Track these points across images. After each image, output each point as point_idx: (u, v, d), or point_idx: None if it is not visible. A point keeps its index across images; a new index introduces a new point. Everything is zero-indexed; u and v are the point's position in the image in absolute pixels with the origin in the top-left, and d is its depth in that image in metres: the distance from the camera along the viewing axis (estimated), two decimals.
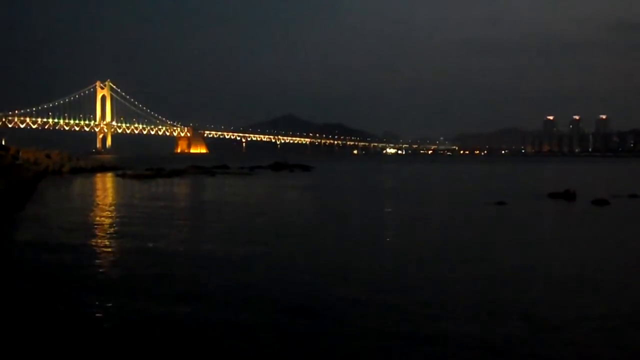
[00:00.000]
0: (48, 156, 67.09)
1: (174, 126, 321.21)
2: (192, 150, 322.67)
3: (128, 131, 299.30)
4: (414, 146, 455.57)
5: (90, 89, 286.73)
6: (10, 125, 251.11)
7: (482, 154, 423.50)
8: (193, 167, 79.10)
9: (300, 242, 19.28)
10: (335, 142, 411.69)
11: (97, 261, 15.40)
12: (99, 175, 64.68)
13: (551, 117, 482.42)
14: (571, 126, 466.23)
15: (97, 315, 10.45)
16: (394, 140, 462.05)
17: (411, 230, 22.55)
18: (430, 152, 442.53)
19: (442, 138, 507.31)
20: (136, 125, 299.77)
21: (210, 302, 11.33)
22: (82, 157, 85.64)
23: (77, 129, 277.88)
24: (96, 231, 21.13)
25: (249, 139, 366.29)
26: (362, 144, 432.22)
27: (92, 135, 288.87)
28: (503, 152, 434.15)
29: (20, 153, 59.27)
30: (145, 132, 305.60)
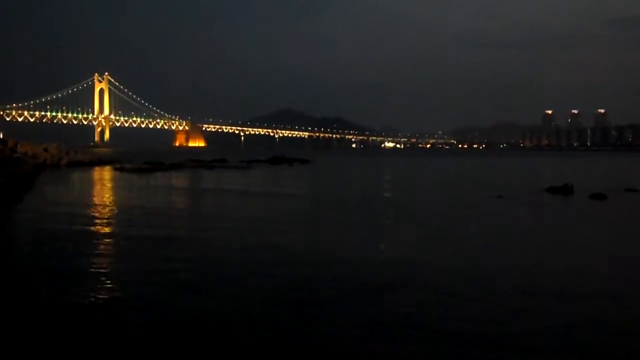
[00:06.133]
0: (46, 150, 66.93)
1: (172, 120, 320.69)
2: (191, 144, 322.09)
3: (126, 124, 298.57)
4: (413, 140, 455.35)
5: (88, 82, 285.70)
6: (8, 119, 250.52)
7: (481, 147, 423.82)
8: (191, 160, 78.92)
9: (298, 234, 19.30)
10: (334, 135, 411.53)
11: (94, 253, 15.39)
12: (97, 168, 64.57)
13: (549, 112, 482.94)
14: (569, 120, 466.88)
15: (93, 304, 10.47)
16: (392, 134, 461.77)
17: (408, 223, 22.56)
18: (428, 146, 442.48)
19: (440, 132, 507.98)
20: (134, 118, 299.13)
21: (210, 293, 11.37)
22: (80, 150, 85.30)
23: (75, 122, 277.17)
24: (93, 223, 21.11)
25: (247, 133, 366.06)
26: (360, 137, 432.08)
27: (90, 128, 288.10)
28: (502, 146, 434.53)
29: (18, 146, 59.31)
30: (143, 126, 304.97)
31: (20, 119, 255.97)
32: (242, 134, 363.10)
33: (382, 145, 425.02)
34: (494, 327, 9.45)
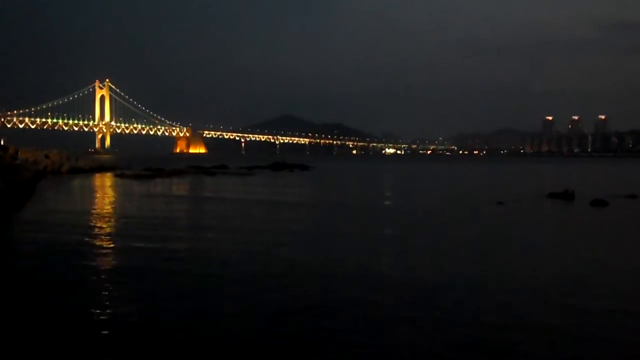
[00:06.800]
0: (47, 156, 66.91)
1: (173, 126, 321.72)
2: (191, 150, 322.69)
3: (127, 131, 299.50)
4: (413, 146, 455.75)
5: (89, 88, 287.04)
6: (9, 125, 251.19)
7: (481, 154, 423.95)
8: (192, 167, 79.04)
9: (299, 245, 19.27)
10: (335, 142, 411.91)
11: (95, 261, 15.37)
12: (97, 175, 64.56)
13: (550, 117, 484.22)
14: (570, 126, 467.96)
15: (94, 315, 10.42)
16: (393, 140, 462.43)
17: (408, 233, 22.48)
18: (429, 152, 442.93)
19: (440, 138, 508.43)
20: (135, 125, 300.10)
21: (211, 302, 11.35)
22: (81, 157, 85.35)
23: (76, 129, 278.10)
24: (94, 231, 21.08)
25: (247, 139, 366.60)
26: (361, 144, 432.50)
27: (91, 135, 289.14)
28: (502, 152, 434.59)
29: (19, 153, 59.23)
30: (144, 132, 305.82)
31: (21, 126, 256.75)
32: (242, 140, 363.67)
33: (383, 152, 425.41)
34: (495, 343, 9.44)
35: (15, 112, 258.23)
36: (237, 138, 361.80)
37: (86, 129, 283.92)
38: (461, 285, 12.77)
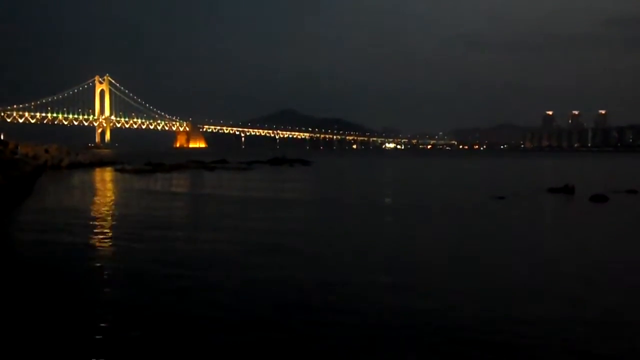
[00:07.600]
0: (47, 151, 66.82)
1: (173, 121, 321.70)
2: (191, 145, 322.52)
3: (127, 126, 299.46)
4: (413, 141, 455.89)
5: (89, 83, 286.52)
6: (9, 120, 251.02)
7: (482, 148, 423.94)
8: (192, 161, 78.88)
9: (298, 239, 19.25)
10: (335, 136, 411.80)
11: (95, 257, 15.34)
12: (97, 169, 64.54)
13: (550, 112, 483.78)
14: (570, 121, 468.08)
15: (94, 312, 10.41)
16: (393, 135, 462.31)
17: (409, 224, 22.49)
18: (429, 147, 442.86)
19: (441, 133, 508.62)
20: (135, 119, 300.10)
21: (210, 298, 11.33)
22: (80, 151, 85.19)
23: (75, 123, 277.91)
24: (95, 227, 21.04)
25: (247, 134, 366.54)
26: (361, 138, 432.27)
27: (91, 129, 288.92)
28: (502, 147, 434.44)
29: (19, 147, 59.15)
30: (144, 127, 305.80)
31: (21, 120, 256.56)
32: (242, 134, 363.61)
33: (383, 146, 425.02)
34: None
35: (15, 106, 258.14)
36: (237, 133, 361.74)
37: (86, 124, 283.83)
38: (461, 284, 12.76)
